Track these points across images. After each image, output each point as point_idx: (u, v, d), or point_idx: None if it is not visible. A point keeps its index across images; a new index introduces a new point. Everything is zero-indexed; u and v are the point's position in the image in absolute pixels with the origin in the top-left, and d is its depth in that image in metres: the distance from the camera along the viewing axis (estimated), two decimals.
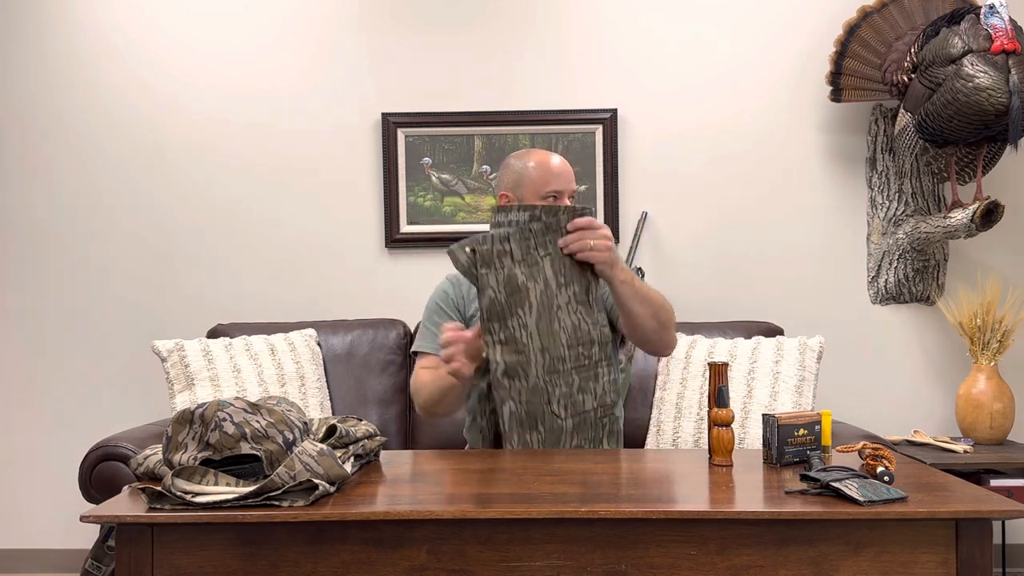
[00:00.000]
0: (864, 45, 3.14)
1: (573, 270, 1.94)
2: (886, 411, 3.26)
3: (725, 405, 1.72)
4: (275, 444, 1.46)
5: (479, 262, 1.91)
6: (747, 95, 3.32)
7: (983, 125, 2.83)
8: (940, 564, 1.40)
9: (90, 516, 1.41)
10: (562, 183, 2.21)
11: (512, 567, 1.41)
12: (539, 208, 1.96)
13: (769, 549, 1.40)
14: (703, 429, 2.72)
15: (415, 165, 3.32)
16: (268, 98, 3.34)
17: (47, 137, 3.35)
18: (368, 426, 1.77)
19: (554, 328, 1.92)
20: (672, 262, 3.31)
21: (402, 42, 3.33)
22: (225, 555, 1.42)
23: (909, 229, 3.18)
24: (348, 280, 3.34)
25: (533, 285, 1.91)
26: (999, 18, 2.78)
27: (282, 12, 3.34)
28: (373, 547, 1.42)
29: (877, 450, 1.59)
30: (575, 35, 3.33)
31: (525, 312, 1.91)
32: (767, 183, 3.31)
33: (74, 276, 3.34)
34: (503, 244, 1.92)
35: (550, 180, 2.22)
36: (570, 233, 1.95)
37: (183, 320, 3.30)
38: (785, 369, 2.78)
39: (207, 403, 1.48)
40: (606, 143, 3.28)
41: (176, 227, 3.34)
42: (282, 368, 2.90)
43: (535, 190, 2.25)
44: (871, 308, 3.32)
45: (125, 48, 3.34)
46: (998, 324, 3.01)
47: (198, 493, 1.42)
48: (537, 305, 1.92)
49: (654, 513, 1.39)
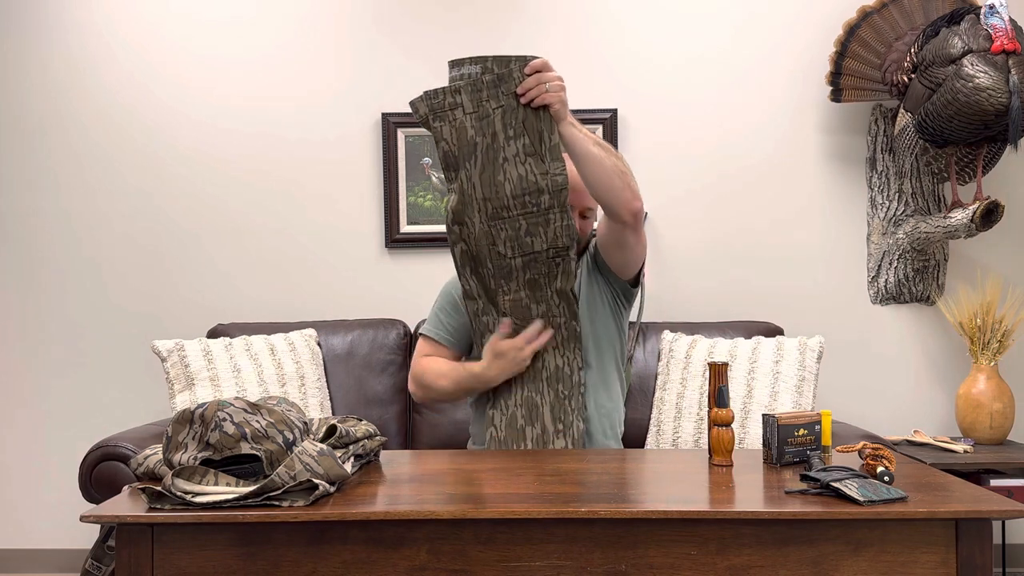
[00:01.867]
0: (864, 45, 3.14)
1: (526, 121, 2.00)
2: (886, 411, 3.26)
3: (725, 405, 1.72)
4: (275, 444, 1.46)
5: (432, 116, 2.01)
6: (747, 95, 3.32)
7: (983, 125, 2.83)
8: (940, 564, 1.40)
9: (90, 516, 1.41)
10: (573, 198, 2.16)
11: (512, 567, 1.41)
12: (490, 59, 2.00)
13: (769, 549, 1.40)
14: (703, 429, 2.72)
15: (415, 165, 3.32)
16: (268, 99, 3.34)
17: (48, 139, 3.35)
18: (368, 426, 1.77)
19: (497, 179, 2.00)
20: (672, 262, 3.31)
21: (402, 42, 3.33)
22: (225, 555, 1.42)
23: (909, 229, 3.18)
24: (348, 280, 3.34)
25: (481, 139, 1.99)
26: (999, 18, 2.78)
27: (282, 14, 3.34)
28: (373, 547, 1.42)
29: (877, 450, 1.59)
30: (575, 35, 3.33)
31: (471, 165, 2.01)
32: (767, 183, 3.31)
33: (74, 277, 3.34)
34: (455, 96, 1.99)
35: None
36: (527, 79, 1.99)
37: (183, 320, 3.30)
38: (785, 369, 2.78)
39: (207, 403, 1.48)
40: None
41: (176, 227, 3.34)
42: (282, 368, 2.90)
43: None
44: (871, 308, 3.32)
45: (123, 53, 3.34)
46: (998, 324, 3.01)
47: (198, 493, 1.42)
48: (481, 158, 2.00)
49: (654, 513, 1.39)
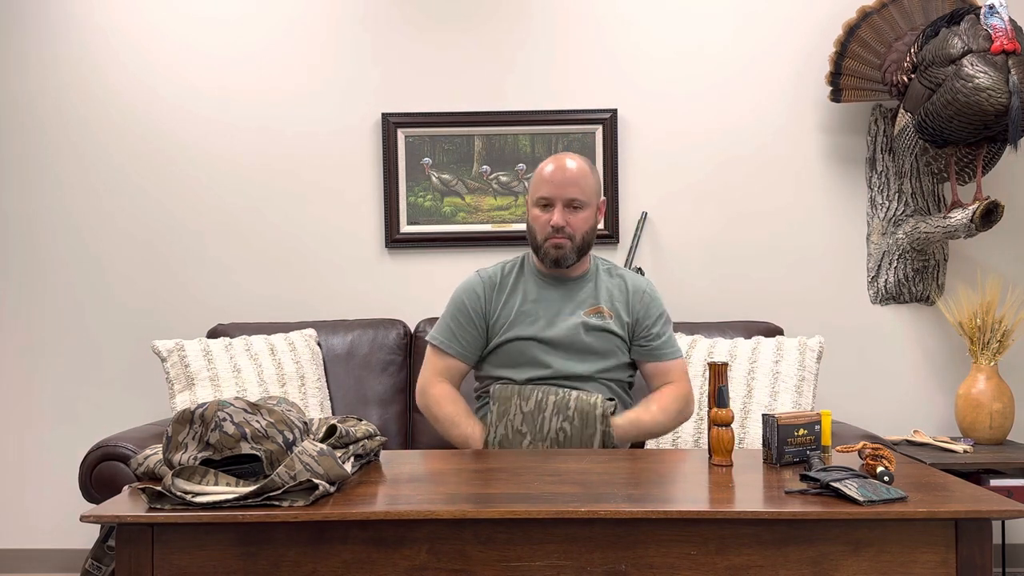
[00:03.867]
0: (864, 45, 3.14)
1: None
2: (886, 411, 3.26)
3: (725, 405, 1.72)
4: (275, 444, 1.46)
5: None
6: (747, 95, 3.32)
7: (983, 125, 2.83)
8: (940, 564, 1.40)
9: (90, 516, 1.41)
10: (551, 190, 2.24)
11: (512, 567, 1.41)
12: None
13: (769, 549, 1.40)
14: (703, 429, 2.72)
15: (415, 165, 3.32)
16: (268, 99, 3.34)
17: (48, 138, 3.35)
18: (368, 426, 1.77)
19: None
20: (672, 262, 3.31)
21: (402, 42, 3.33)
22: (225, 555, 1.42)
23: (909, 229, 3.18)
24: (348, 280, 3.34)
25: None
26: (999, 18, 2.78)
27: (282, 14, 3.34)
28: (373, 547, 1.42)
29: (877, 450, 1.59)
30: (575, 35, 3.33)
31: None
32: (767, 183, 3.32)
33: (75, 276, 3.34)
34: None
35: (540, 187, 2.28)
36: None
37: (183, 320, 3.30)
38: (785, 369, 2.78)
39: (207, 403, 1.48)
40: (606, 143, 3.28)
41: (176, 227, 3.34)
42: (282, 368, 2.90)
43: (531, 197, 2.32)
44: (871, 308, 3.32)
45: (124, 50, 3.34)
46: (998, 324, 3.01)
47: (198, 493, 1.42)
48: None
49: (654, 513, 1.39)
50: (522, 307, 2.29)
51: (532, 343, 2.25)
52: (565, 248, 2.25)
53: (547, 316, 2.28)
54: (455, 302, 2.33)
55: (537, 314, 2.28)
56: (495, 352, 2.30)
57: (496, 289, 2.33)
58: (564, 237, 2.24)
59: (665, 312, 2.36)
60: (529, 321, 2.27)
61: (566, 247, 2.25)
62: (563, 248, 2.25)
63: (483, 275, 2.37)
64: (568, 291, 2.32)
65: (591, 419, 2.10)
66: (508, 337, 2.27)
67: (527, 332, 2.26)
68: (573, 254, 2.27)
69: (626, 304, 2.32)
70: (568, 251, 2.25)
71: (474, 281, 2.36)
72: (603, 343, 2.27)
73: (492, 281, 2.34)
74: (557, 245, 2.25)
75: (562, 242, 2.24)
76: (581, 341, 2.25)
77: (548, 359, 2.23)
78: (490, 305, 2.31)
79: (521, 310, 2.29)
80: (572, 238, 2.25)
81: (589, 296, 2.32)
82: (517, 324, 2.27)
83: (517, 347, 2.26)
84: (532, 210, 2.30)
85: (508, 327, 2.28)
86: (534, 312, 2.28)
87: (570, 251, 2.26)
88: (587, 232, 2.28)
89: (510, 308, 2.30)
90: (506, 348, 2.27)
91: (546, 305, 2.29)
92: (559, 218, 2.22)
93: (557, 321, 2.27)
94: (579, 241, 2.26)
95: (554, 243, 2.25)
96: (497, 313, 2.30)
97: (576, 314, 2.28)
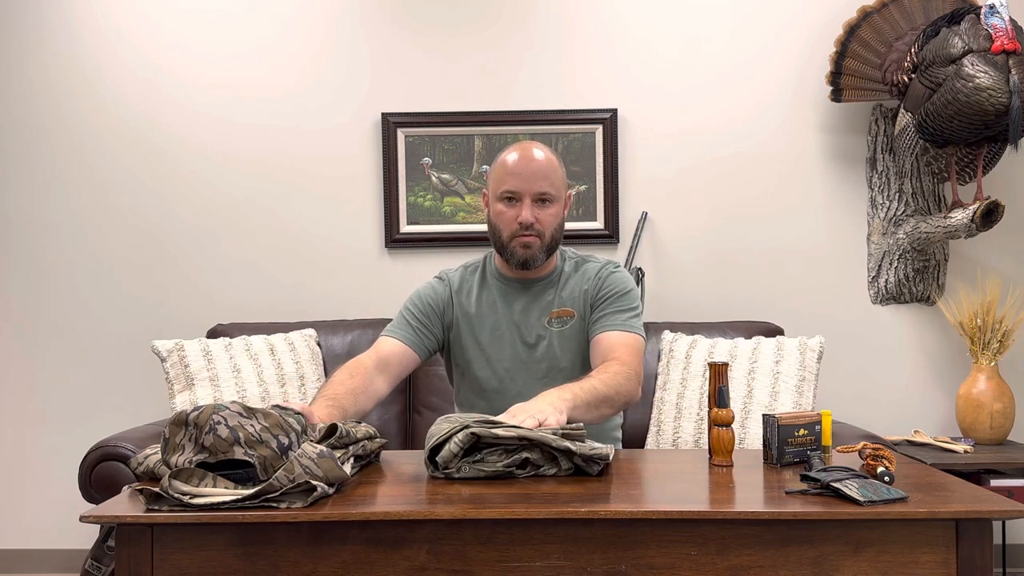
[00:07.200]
0: (864, 45, 3.14)
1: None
2: (886, 411, 3.26)
3: (725, 405, 1.71)
4: (269, 449, 1.45)
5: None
6: (747, 95, 3.32)
7: (983, 125, 2.83)
8: (940, 564, 1.39)
9: (90, 516, 1.40)
10: (517, 183, 2.01)
11: (512, 567, 1.40)
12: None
13: (769, 549, 1.40)
14: (703, 429, 2.72)
15: (415, 165, 3.31)
16: (268, 98, 3.34)
17: (48, 137, 3.35)
18: (368, 427, 1.76)
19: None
20: (672, 262, 3.31)
21: (402, 42, 3.33)
22: (225, 555, 1.42)
23: (909, 229, 3.18)
24: (348, 280, 3.34)
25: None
26: (999, 18, 2.78)
27: (282, 13, 3.34)
28: (373, 547, 1.41)
29: (877, 450, 1.59)
30: (575, 35, 3.33)
31: None
32: (767, 183, 3.31)
33: (74, 276, 3.34)
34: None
35: (504, 180, 2.04)
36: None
37: (183, 320, 3.30)
38: (785, 369, 2.78)
39: (203, 406, 1.47)
40: (606, 143, 3.28)
41: (176, 227, 3.34)
42: (282, 368, 2.90)
43: (493, 190, 2.08)
44: (871, 308, 3.32)
45: (125, 48, 3.34)
46: (998, 324, 3.01)
47: (196, 495, 1.41)
48: None
49: (654, 513, 1.39)
50: (481, 318, 2.12)
51: (491, 384, 2.11)
52: (534, 247, 2.04)
53: (510, 341, 2.10)
54: (412, 297, 2.18)
55: (502, 337, 2.10)
56: (462, 378, 2.18)
57: (456, 288, 2.17)
58: (533, 235, 2.02)
59: (625, 291, 2.09)
60: (488, 357, 2.10)
61: (535, 246, 2.04)
62: (532, 248, 2.04)
63: (441, 274, 2.23)
64: (533, 296, 2.12)
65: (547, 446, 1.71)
66: (470, 372, 2.13)
67: (485, 373, 2.11)
68: (542, 253, 2.06)
69: (585, 294, 2.11)
70: (537, 250, 2.04)
71: (432, 281, 2.22)
72: (574, 346, 2.11)
73: (450, 278, 2.19)
74: (525, 244, 2.03)
75: (531, 240, 2.03)
76: (545, 368, 2.08)
77: (506, 402, 1.86)
78: (447, 304, 2.16)
79: (482, 327, 2.12)
80: (541, 236, 2.03)
81: (555, 299, 2.12)
82: (477, 358, 2.12)
83: (479, 383, 2.13)
84: (495, 205, 2.06)
85: (469, 350, 2.12)
86: (497, 335, 2.11)
87: (539, 250, 2.04)
88: (556, 229, 2.06)
89: (469, 317, 2.14)
90: (468, 380, 2.15)
91: (508, 323, 2.11)
92: (528, 214, 2.01)
93: (519, 352, 2.10)
94: (548, 239, 2.05)
95: (522, 241, 2.03)
96: (456, 309, 2.15)
97: (545, 329, 2.10)
